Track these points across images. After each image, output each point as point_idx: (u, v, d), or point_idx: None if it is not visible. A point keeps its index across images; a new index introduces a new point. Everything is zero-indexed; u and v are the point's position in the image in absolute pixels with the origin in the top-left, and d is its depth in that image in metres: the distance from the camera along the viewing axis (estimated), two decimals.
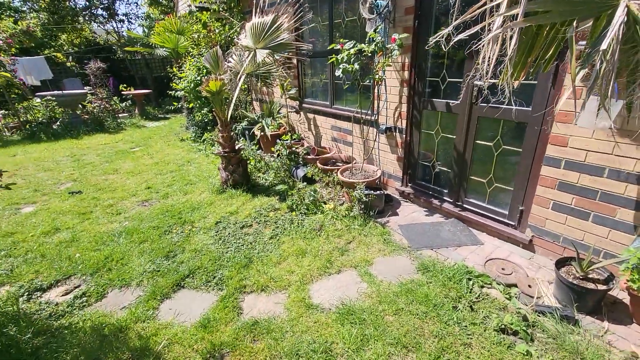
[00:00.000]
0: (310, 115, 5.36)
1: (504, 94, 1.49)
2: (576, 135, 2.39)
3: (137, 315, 2.30)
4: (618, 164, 2.23)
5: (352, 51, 3.41)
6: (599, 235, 2.43)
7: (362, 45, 3.37)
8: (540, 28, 1.31)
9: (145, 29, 15.15)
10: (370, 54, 3.40)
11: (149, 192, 4.44)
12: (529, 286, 2.43)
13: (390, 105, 3.79)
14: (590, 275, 2.22)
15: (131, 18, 17.55)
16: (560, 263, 2.34)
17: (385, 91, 3.76)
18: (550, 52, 1.46)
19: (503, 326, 2.04)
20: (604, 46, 1.05)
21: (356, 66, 3.40)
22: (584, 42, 1.38)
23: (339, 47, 3.56)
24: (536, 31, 1.31)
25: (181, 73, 6.40)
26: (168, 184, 4.71)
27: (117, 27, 13.72)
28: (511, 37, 1.19)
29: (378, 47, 3.31)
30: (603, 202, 2.36)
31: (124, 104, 10.21)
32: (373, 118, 4.04)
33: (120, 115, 9.87)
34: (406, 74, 3.50)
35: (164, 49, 7.43)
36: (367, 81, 3.65)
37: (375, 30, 3.42)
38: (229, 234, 3.31)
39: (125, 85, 10.38)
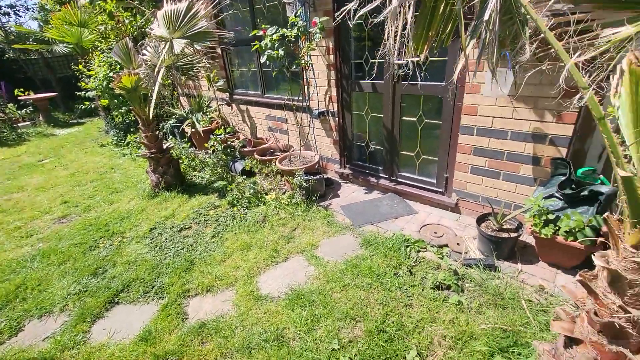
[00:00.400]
0: (243, 107, 5.18)
1: (419, 70, 1.58)
2: (483, 104, 2.66)
3: (63, 343, 2.05)
4: (518, 127, 2.54)
5: (274, 37, 3.34)
6: (508, 190, 2.77)
7: (285, 30, 3.32)
8: (437, 2, 1.41)
9: (41, 23, 13.06)
10: (294, 39, 3.36)
11: (66, 207, 3.93)
12: (458, 244, 2.69)
13: (321, 89, 3.82)
14: (504, 227, 2.53)
15: (19, 10, 14.92)
16: (481, 220, 2.63)
17: (314, 76, 3.78)
18: (449, 28, 1.59)
19: (438, 283, 2.24)
20: (486, 17, 1.16)
21: (281, 52, 3.35)
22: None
23: (261, 33, 3.46)
24: (433, 5, 1.40)
25: (90, 70, 5.70)
26: (89, 195, 4.23)
27: (1, 22, 11.65)
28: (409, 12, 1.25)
29: (300, 32, 3.29)
30: (509, 162, 2.68)
31: (23, 111, 8.79)
32: (305, 104, 4.04)
33: (20, 124, 8.50)
34: (332, 57, 3.55)
35: (65, 44, 6.52)
36: (295, 67, 3.62)
37: (296, 15, 3.38)
38: (165, 239, 3.09)
39: (21, 89, 8.92)
